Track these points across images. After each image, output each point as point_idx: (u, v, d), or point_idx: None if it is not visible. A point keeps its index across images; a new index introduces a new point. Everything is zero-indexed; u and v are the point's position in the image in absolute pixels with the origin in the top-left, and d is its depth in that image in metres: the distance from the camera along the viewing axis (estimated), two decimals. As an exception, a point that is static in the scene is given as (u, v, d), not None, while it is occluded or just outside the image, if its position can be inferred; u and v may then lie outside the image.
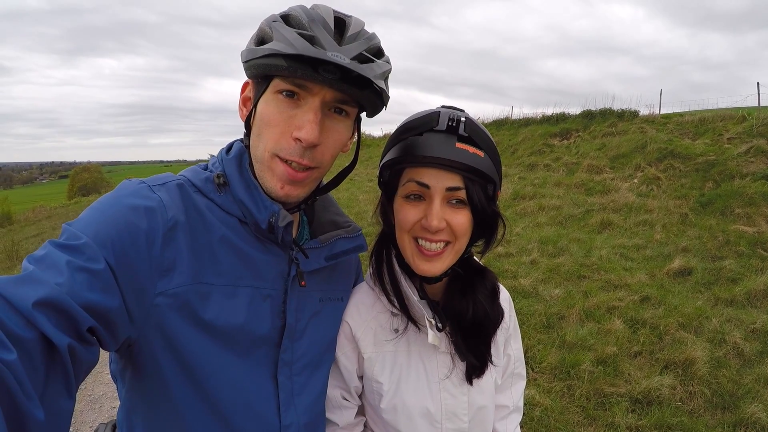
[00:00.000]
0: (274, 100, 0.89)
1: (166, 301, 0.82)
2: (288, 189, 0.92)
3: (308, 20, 0.85)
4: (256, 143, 0.92)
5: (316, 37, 0.83)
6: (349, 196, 11.89)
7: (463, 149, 0.96)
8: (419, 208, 1.01)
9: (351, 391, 1.13)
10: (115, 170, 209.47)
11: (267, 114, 0.89)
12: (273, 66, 0.84)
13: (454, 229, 1.00)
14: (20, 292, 0.64)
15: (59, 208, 23.33)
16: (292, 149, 0.89)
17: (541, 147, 13.54)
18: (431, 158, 0.96)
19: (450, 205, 1.00)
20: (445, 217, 0.99)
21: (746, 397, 3.48)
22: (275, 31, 0.84)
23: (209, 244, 0.88)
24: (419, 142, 0.98)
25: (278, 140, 0.89)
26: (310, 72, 0.82)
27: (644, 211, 8.12)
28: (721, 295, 5.14)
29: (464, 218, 1.00)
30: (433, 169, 0.98)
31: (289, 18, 0.87)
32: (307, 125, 0.86)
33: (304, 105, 0.88)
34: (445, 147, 0.96)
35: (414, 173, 1.00)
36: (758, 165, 8.41)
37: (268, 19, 0.88)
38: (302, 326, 1.01)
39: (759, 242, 6.35)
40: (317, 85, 0.86)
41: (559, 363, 3.97)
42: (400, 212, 1.04)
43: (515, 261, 6.54)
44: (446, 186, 0.97)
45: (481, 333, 1.10)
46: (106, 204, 0.81)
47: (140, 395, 0.90)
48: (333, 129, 0.92)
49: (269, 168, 0.91)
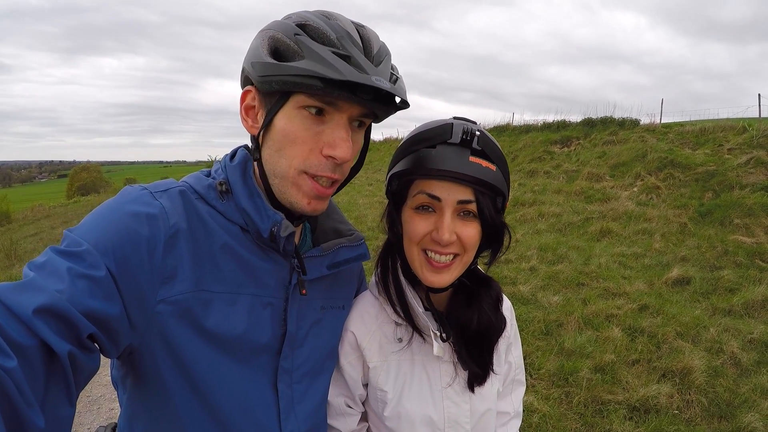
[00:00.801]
0: (299, 116, 0.85)
1: (167, 308, 0.81)
2: (315, 204, 0.92)
3: (336, 35, 0.82)
4: (277, 159, 0.89)
5: (353, 57, 0.80)
6: (349, 200, 11.90)
7: (477, 163, 0.96)
8: (429, 220, 1.00)
9: (355, 399, 1.13)
10: (115, 170, 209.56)
11: (291, 131, 0.86)
12: (304, 85, 0.79)
13: (464, 242, 1.00)
14: (21, 298, 0.64)
15: (58, 207, 23.29)
16: (323, 166, 0.87)
17: (542, 154, 13.57)
18: (445, 171, 0.95)
19: (460, 218, 0.99)
20: (455, 230, 0.98)
21: (743, 406, 3.48)
22: (304, 47, 0.80)
23: (210, 252, 0.88)
24: (432, 154, 0.98)
25: (307, 157, 0.87)
26: (347, 94, 0.81)
27: (644, 219, 8.13)
28: (719, 304, 5.15)
29: (474, 231, 1.00)
30: (445, 182, 0.97)
31: (309, 29, 0.83)
32: (341, 144, 0.85)
33: (331, 121, 0.86)
34: (458, 160, 0.95)
35: (425, 185, 0.99)
36: (758, 176, 8.43)
37: (284, 27, 0.83)
38: (303, 334, 1.00)
39: (757, 253, 6.37)
40: (347, 102, 0.84)
41: (557, 370, 3.96)
42: (410, 224, 1.03)
43: (514, 267, 6.55)
44: (458, 199, 0.97)
45: (484, 342, 1.09)
46: (107, 210, 0.80)
47: (141, 402, 0.89)
48: (355, 142, 0.92)
49: (295, 184, 0.90)
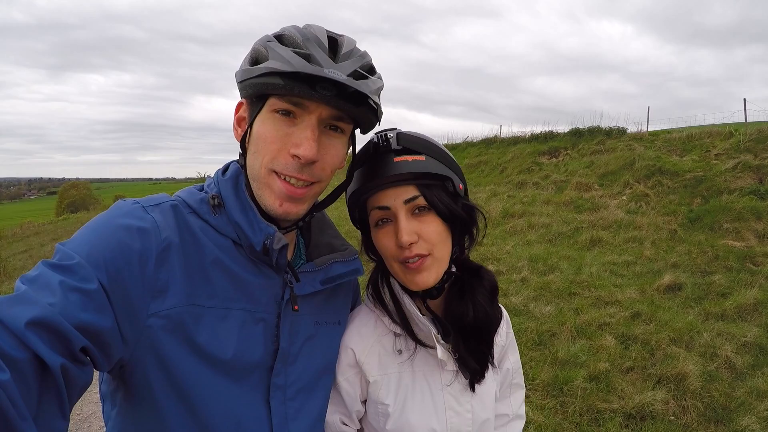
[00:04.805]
0: (271, 119, 0.88)
1: (158, 322, 0.81)
2: (287, 206, 0.91)
3: (303, 39, 0.85)
4: (253, 161, 0.92)
5: (312, 55, 0.83)
6: (339, 214, 11.85)
7: (402, 160, 1.00)
8: (391, 231, 1.03)
9: (352, 416, 1.12)
10: (104, 187, 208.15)
11: (263, 132, 0.89)
12: (269, 85, 0.84)
13: (427, 239, 1.01)
14: (13, 312, 0.63)
15: (47, 225, 23.09)
16: (290, 165, 0.88)
17: (530, 165, 13.66)
18: (377, 181, 1.01)
19: (416, 216, 1.02)
20: (415, 231, 1.00)
21: (739, 409, 3.50)
22: (270, 50, 0.84)
23: (202, 266, 0.87)
24: (366, 171, 1.04)
25: (275, 157, 0.88)
26: (307, 90, 0.82)
27: (633, 227, 8.19)
28: (712, 309, 5.18)
29: (434, 225, 1.02)
30: (387, 190, 1.01)
31: (284, 38, 0.87)
32: (305, 142, 0.86)
33: (301, 123, 0.88)
34: (385, 166, 1.00)
35: (373, 201, 1.04)
36: (746, 180, 8.55)
37: (262, 39, 0.88)
38: (296, 350, 0.99)
39: (748, 256, 6.43)
40: (314, 102, 0.86)
41: (551, 380, 3.96)
42: (378, 241, 1.07)
43: (506, 279, 6.55)
44: (404, 199, 1.00)
45: (482, 334, 1.10)
46: (99, 224, 0.80)
47: (131, 417, 0.88)
48: (330, 145, 0.92)
49: (267, 185, 0.91)
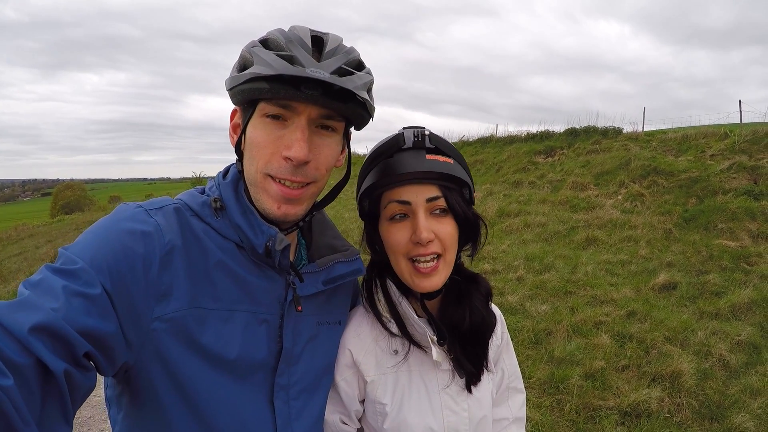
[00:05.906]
0: (262, 124, 0.90)
1: (162, 325, 0.81)
2: (285, 208, 0.92)
3: (286, 41, 0.86)
4: (248, 167, 0.93)
5: (294, 56, 0.84)
6: (335, 214, 11.85)
7: (434, 159, 1.00)
8: (406, 226, 1.03)
9: (351, 416, 1.13)
10: (99, 188, 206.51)
11: (256, 138, 0.90)
12: (256, 90, 0.85)
13: (442, 240, 1.02)
14: (16, 317, 0.64)
15: (42, 227, 22.91)
16: (284, 168, 0.89)
17: (526, 164, 13.65)
18: (407, 174, 0.99)
19: (434, 217, 1.02)
20: (432, 229, 1.01)
21: (733, 407, 3.53)
22: (255, 55, 0.85)
23: (205, 269, 0.88)
24: (391, 163, 1.02)
25: (269, 160, 0.89)
26: (292, 91, 0.83)
27: (629, 227, 8.21)
28: (706, 308, 5.21)
29: (450, 227, 1.03)
30: (410, 186, 1.01)
31: (268, 42, 0.89)
32: (295, 144, 0.87)
33: (291, 125, 0.89)
34: (416, 161, 1.00)
35: (393, 194, 1.03)
36: (740, 181, 8.58)
37: (248, 45, 0.89)
38: (299, 350, 1.00)
39: (742, 256, 6.46)
40: (301, 103, 0.87)
41: (548, 378, 3.98)
42: (389, 235, 1.05)
43: (502, 278, 6.57)
44: (426, 197, 1.00)
45: (478, 338, 1.11)
46: (102, 228, 0.81)
47: (137, 420, 0.88)
48: (322, 145, 0.93)
49: (263, 189, 0.92)
